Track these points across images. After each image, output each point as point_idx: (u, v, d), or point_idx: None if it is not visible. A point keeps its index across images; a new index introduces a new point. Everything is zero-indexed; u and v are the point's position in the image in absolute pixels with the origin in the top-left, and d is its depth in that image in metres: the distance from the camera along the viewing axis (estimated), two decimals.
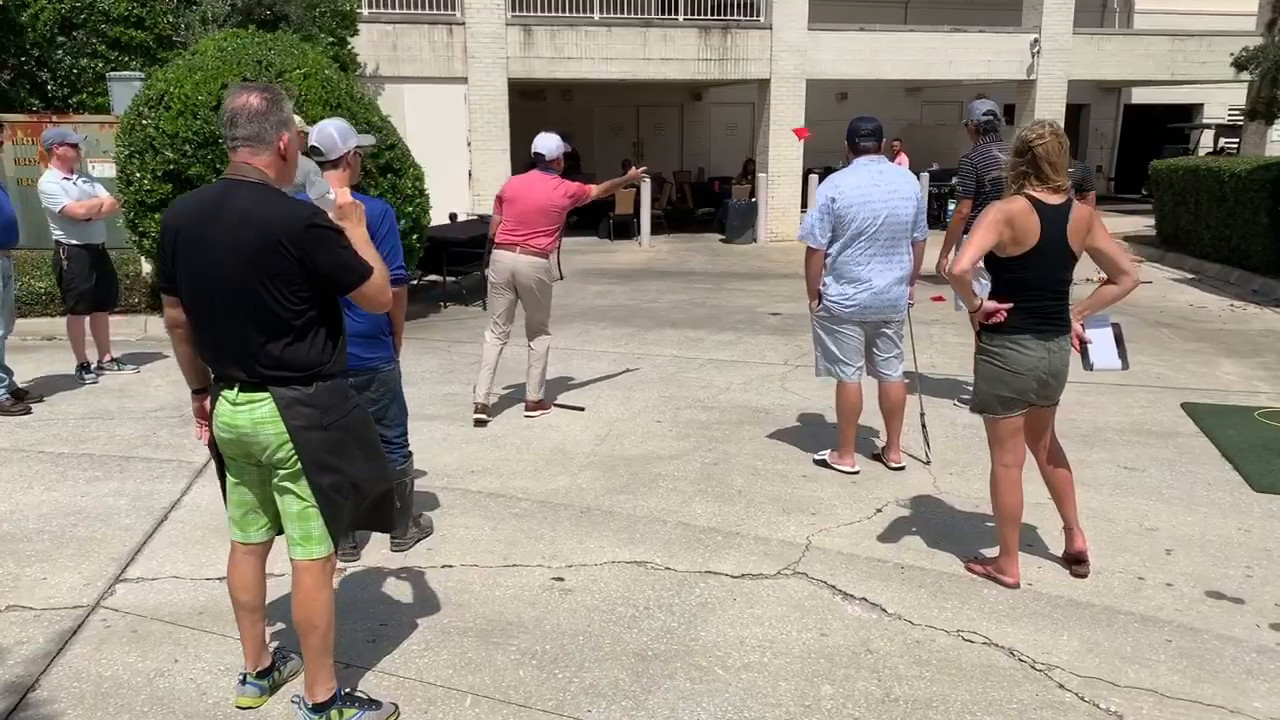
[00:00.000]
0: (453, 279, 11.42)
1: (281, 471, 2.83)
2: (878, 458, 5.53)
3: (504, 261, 6.16)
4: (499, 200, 6.24)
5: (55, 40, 12.78)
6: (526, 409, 6.43)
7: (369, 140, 4.12)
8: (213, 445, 2.97)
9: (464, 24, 15.90)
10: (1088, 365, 3.95)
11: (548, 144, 6.19)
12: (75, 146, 6.88)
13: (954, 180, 6.25)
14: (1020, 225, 3.59)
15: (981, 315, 3.75)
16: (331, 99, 8.73)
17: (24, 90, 12.84)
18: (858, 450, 5.51)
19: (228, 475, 2.98)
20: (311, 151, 3.95)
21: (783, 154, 17.51)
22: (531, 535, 4.49)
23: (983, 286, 4.07)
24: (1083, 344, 3.90)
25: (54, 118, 10.91)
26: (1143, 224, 16.92)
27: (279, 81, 8.60)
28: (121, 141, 8.57)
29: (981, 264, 3.73)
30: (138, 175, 8.35)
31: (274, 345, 2.73)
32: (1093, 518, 4.65)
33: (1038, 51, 18.13)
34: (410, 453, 4.29)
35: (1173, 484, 5.17)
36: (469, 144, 16.18)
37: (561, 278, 12.86)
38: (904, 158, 17.10)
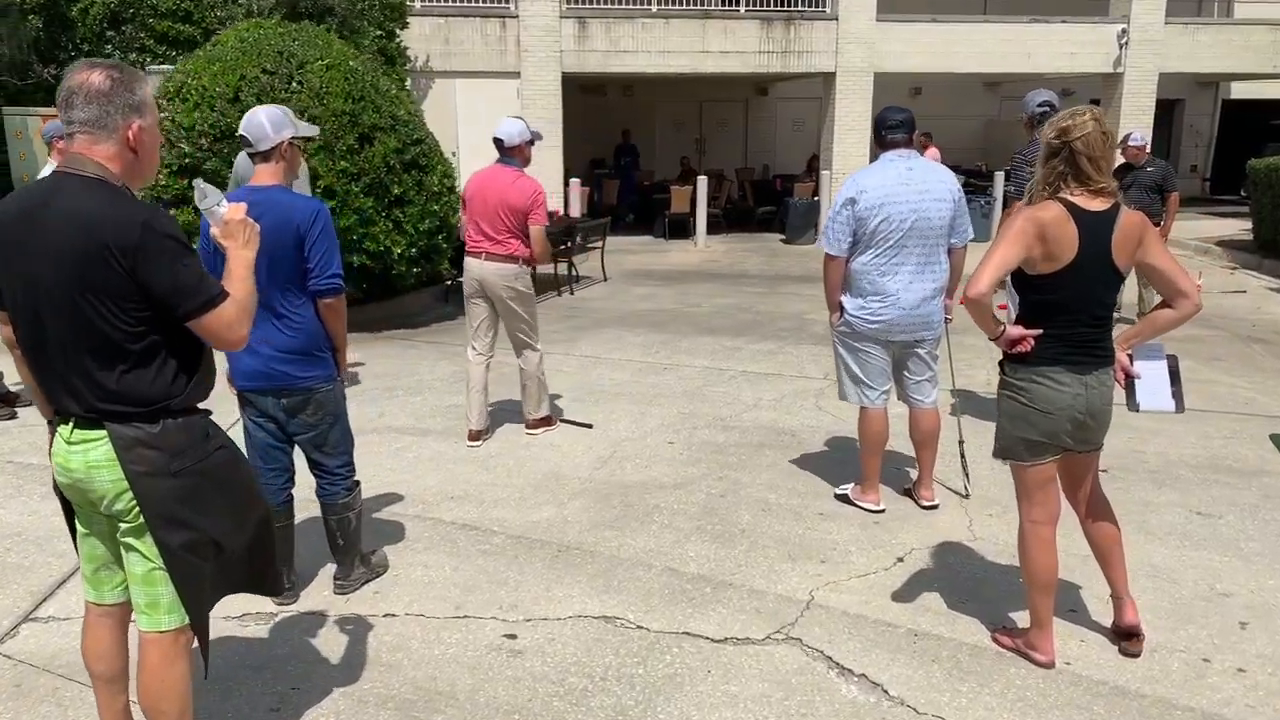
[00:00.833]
0: None
1: (123, 525, 2.35)
2: (909, 493, 4.88)
3: (471, 270, 5.56)
4: (463, 200, 5.62)
5: (105, 35, 12.73)
6: (527, 427, 5.91)
7: (309, 130, 3.65)
8: (58, 488, 2.51)
9: (517, 16, 15.50)
10: (1133, 405, 3.26)
11: (507, 129, 5.38)
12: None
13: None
14: (1053, 237, 2.94)
15: (1004, 343, 3.11)
16: (355, 91, 8.36)
17: None
18: (886, 484, 4.88)
19: (77, 524, 2.52)
20: (240, 141, 3.50)
21: (848, 151, 16.72)
22: (495, 579, 3.97)
23: (1008, 304, 3.41)
24: (1129, 379, 3.22)
25: None
26: (1239, 227, 15.70)
27: (300, 73, 8.28)
28: None
29: (1008, 279, 3.09)
30: None
31: (107, 373, 2.26)
32: (1153, 577, 3.95)
33: (1125, 43, 16.98)
34: (355, 483, 3.81)
35: (1254, 535, 4.41)
36: None
37: (606, 279, 12.44)
38: (935, 152, 16.20)
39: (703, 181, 15.69)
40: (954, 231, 4.44)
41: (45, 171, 6.63)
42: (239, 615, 3.64)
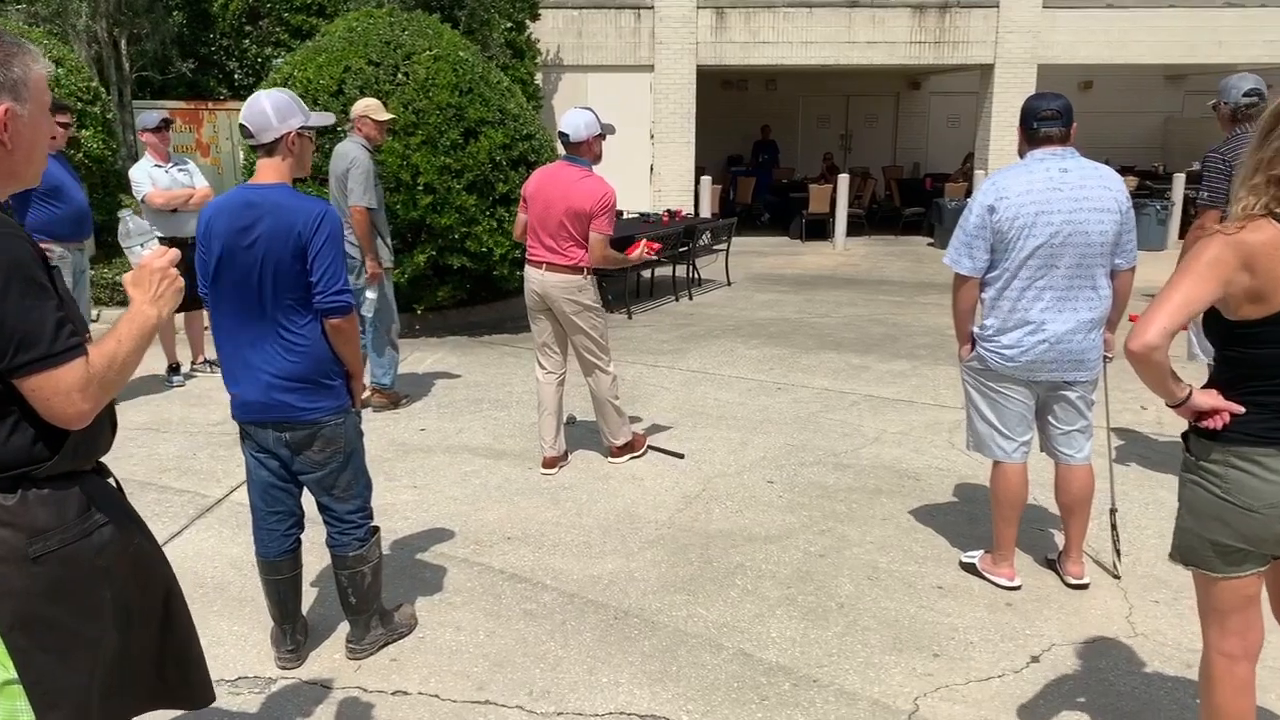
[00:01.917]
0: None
1: None
2: (1052, 565, 4.00)
3: (532, 281, 4.94)
4: (522, 199, 4.99)
5: (243, 29, 12.88)
6: (609, 455, 5.28)
7: (323, 120, 3.11)
8: None
9: (652, 8, 14.91)
10: None
11: (573, 121, 4.74)
12: (157, 131, 6.36)
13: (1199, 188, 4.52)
14: (1265, 269, 2.07)
15: (1189, 412, 2.25)
16: (462, 83, 7.94)
17: (214, 79, 13.04)
18: (1023, 550, 4.01)
19: None
20: (240, 132, 3.00)
21: (1005, 149, 15.37)
22: (532, 651, 3.35)
23: (1195, 353, 2.53)
24: None
25: (209, 105, 10.83)
26: None
27: (406, 64, 7.91)
28: None
29: (1197, 326, 2.23)
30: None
31: None
32: None
33: None
34: (371, 532, 3.25)
35: None
36: (651, 136, 15.21)
37: (730, 283, 11.70)
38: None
39: (844, 180, 14.72)
40: (1119, 251, 3.54)
41: (138, 164, 6.44)
42: (233, 679, 3.16)
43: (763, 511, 4.61)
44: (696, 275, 11.10)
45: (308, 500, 3.21)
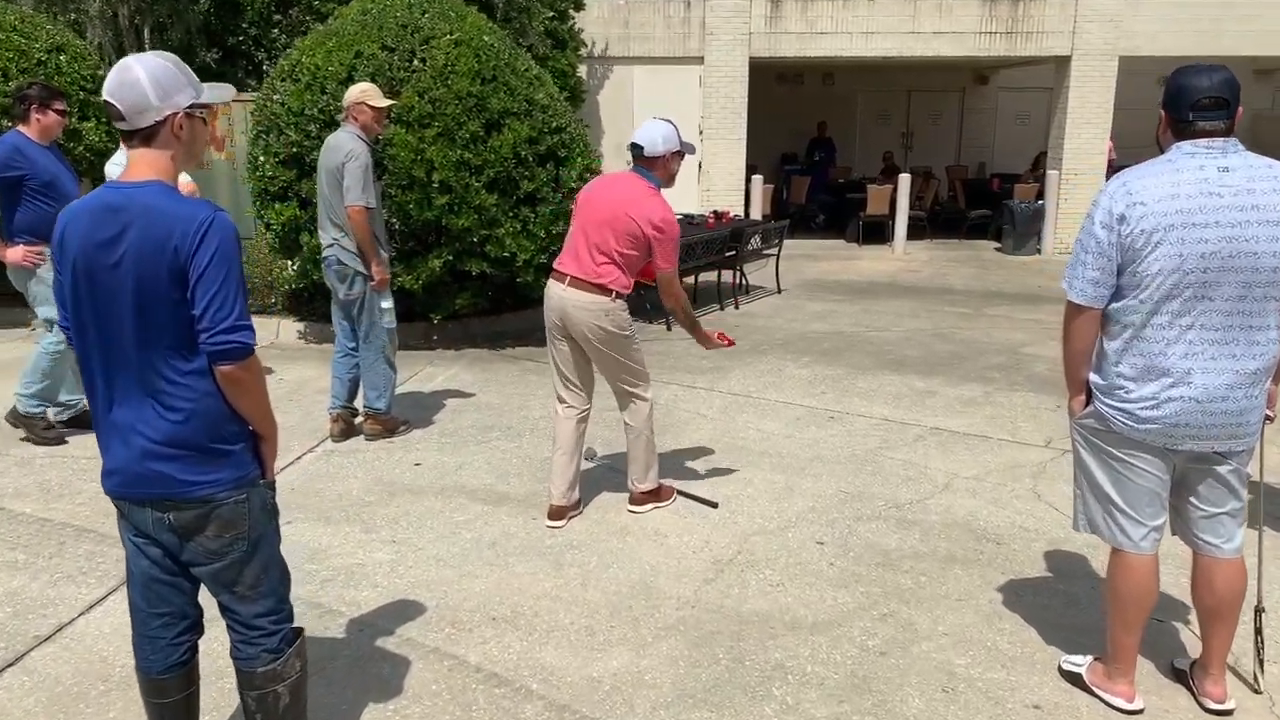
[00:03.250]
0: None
1: None
2: (1183, 678, 3.11)
3: (551, 298, 4.19)
4: (574, 207, 4.27)
5: (271, 19, 12.30)
6: (631, 501, 4.48)
7: (219, 95, 2.34)
8: None
9: None
10: None
11: (649, 134, 4.09)
12: None
13: None
14: None
15: None
16: (485, 70, 7.18)
17: (241, 70, 12.48)
18: (1145, 657, 3.13)
19: None
20: (108, 112, 2.23)
21: (1082, 148, 14.26)
22: None
23: None
24: None
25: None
26: None
27: (424, 49, 7.17)
28: (252, 120, 7.50)
29: None
30: (260, 159, 7.21)
31: None
32: None
33: None
34: (289, 639, 2.46)
35: None
36: (700, 132, 14.35)
37: (780, 291, 10.81)
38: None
39: (905, 180, 13.73)
40: None
41: (112, 158, 5.81)
42: None
43: (809, 585, 3.76)
44: (745, 282, 10.24)
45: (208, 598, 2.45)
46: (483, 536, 4.17)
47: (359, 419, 5.46)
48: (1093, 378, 2.84)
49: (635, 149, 4.12)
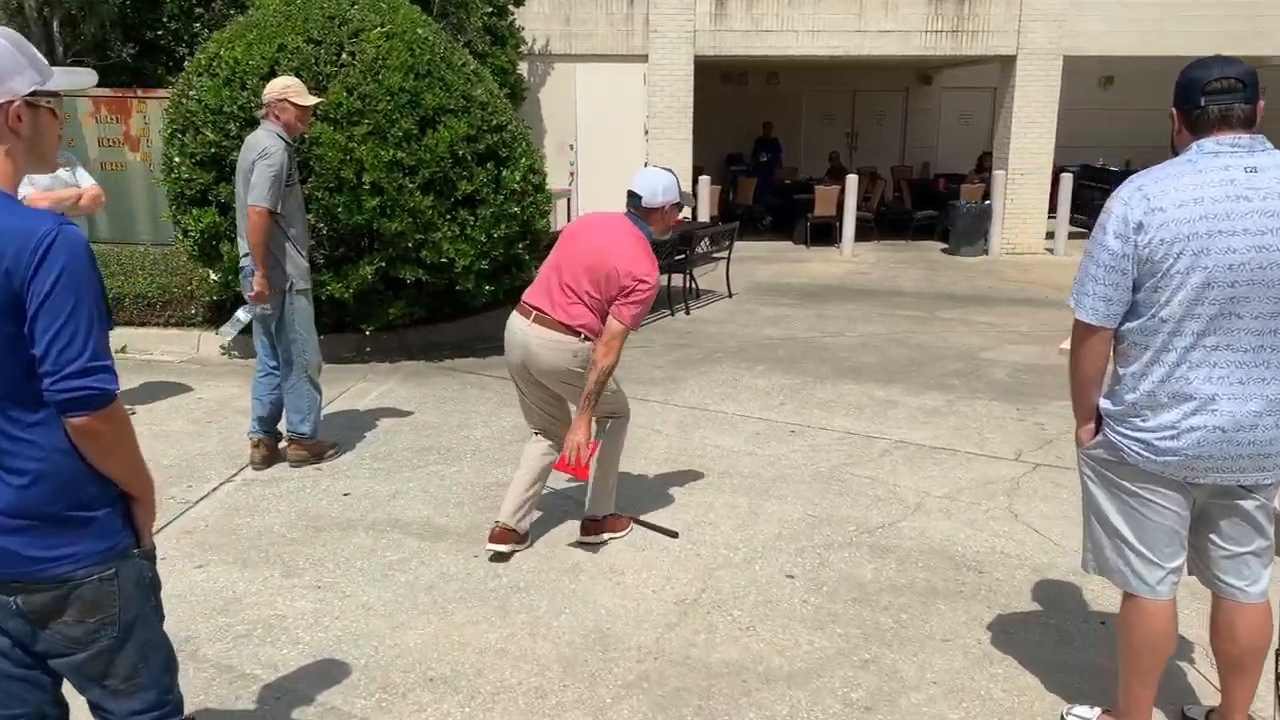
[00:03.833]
0: None
1: None
2: None
3: (513, 334, 3.82)
4: (560, 238, 3.92)
5: (193, 12, 11.67)
6: (583, 531, 4.10)
7: (74, 82, 1.91)
8: None
9: None
10: None
11: (649, 183, 3.79)
12: None
13: None
14: None
15: None
16: (419, 65, 6.74)
17: (161, 66, 11.81)
18: (1159, 707, 2.84)
19: None
20: None
21: (1027, 147, 14.20)
22: None
23: None
24: None
25: (139, 91, 9.62)
26: None
27: (352, 42, 6.71)
28: (167, 118, 6.95)
29: None
30: (176, 160, 6.68)
31: None
32: None
33: None
34: None
35: None
36: (646, 132, 14.00)
37: (731, 295, 10.50)
38: None
39: (852, 180, 13.54)
40: None
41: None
42: None
43: (783, 628, 3.42)
44: (694, 286, 9.90)
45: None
46: (418, 579, 3.75)
47: (283, 444, 5.00)
48: (1103, 404, 2.53)
49: (634, 198, 3.79)
